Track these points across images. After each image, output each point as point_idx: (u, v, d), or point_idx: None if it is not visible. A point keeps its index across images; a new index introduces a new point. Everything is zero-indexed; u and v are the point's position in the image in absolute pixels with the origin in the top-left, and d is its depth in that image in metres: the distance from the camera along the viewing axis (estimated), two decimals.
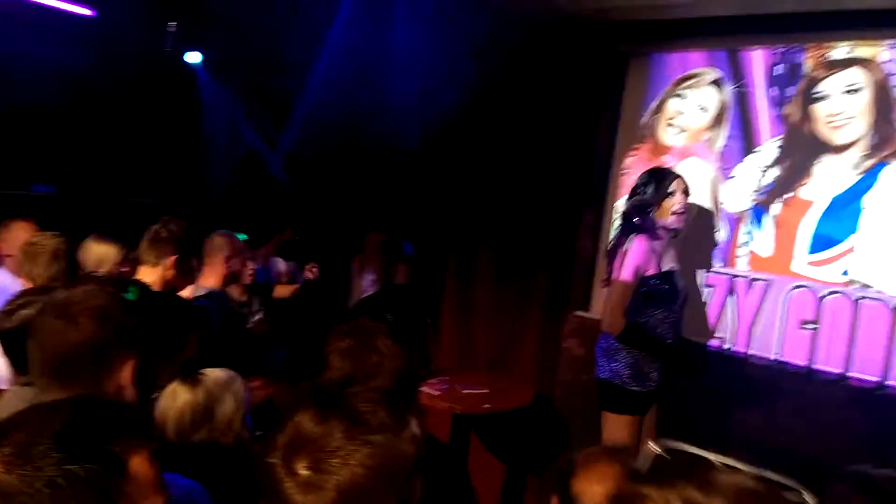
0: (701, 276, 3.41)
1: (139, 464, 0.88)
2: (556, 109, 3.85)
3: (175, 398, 1.65)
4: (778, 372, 3.11)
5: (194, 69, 5.14)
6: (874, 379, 2.89)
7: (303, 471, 0.92)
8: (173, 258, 2.74)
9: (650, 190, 2.88)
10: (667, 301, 2.86)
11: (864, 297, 2.94)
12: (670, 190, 2.85)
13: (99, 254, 2.77)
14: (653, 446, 0.66)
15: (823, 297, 3.03)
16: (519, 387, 3.67)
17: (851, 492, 1.53)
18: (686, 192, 2.89)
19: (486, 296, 4.19)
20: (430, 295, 4.05)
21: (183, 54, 5.02)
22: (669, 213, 2.85)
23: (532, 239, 3.99)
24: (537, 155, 3.93)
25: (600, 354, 2.95)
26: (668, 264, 2.91)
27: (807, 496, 0.61)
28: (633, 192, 2.96)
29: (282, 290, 4.01)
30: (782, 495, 0.61)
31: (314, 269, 4.04)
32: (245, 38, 4.43)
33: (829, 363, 3.00)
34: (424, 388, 3.32)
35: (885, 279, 2.90)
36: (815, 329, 3.04)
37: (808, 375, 3.04)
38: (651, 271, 2.83)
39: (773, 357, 3.14)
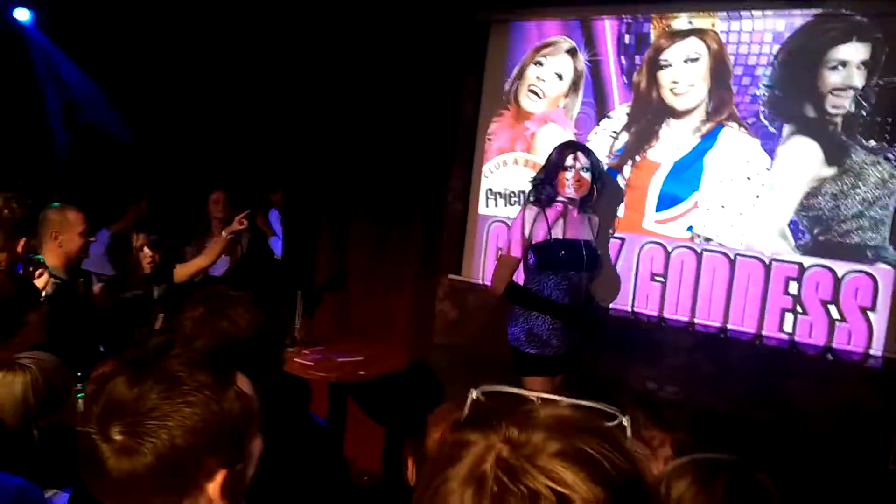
0: None
1: None
2: (421, 77, 3.85)
3: (7, 385, 1.53)
4: (633, 322, 3.35)
5: (24, 28, 4.65)
6: (716, 324, 3.18)
7: (118, 436, 0.89)
8: (21, 241, 2.47)
9: (550, 162, 3.02)
10: (558, 267, 2.95)
11: (706, 251, 3.21)
12: (567, 164, 2.95)
13: None
14: (473, 392, 0.67)
15: (671, 251, 3.28)
16: (394, 352, 3.70)
17: (634, 407, 1.70)
18: (587, 169, 2.96)
19: (359, 263, 4.17)
20: (301, 264, 3.96)
21: (10, 11, 4.52)
22: (564, 184, 2.95)
23: (403, 205, 4.01)
24: (405, 123, 3.93)
25: (506, 322, 3.09)
26: (572, 233, 2.98)
27: (624, 420, 0.66)
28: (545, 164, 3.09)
29: (183, 270, 3.63)
30: (597, 420, 0.65)
31: (244, 221, 3.75)
32: None
33: (677, 312, 3.27)
34: (299, 359, 3.28)
35: (724, 233, 3.18)
36: (664, 282, 3.30)
37: (659, 324, 3.30)
38: (539, 239, 2.94)
39: (629, 309, 3.37)
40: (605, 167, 3.46)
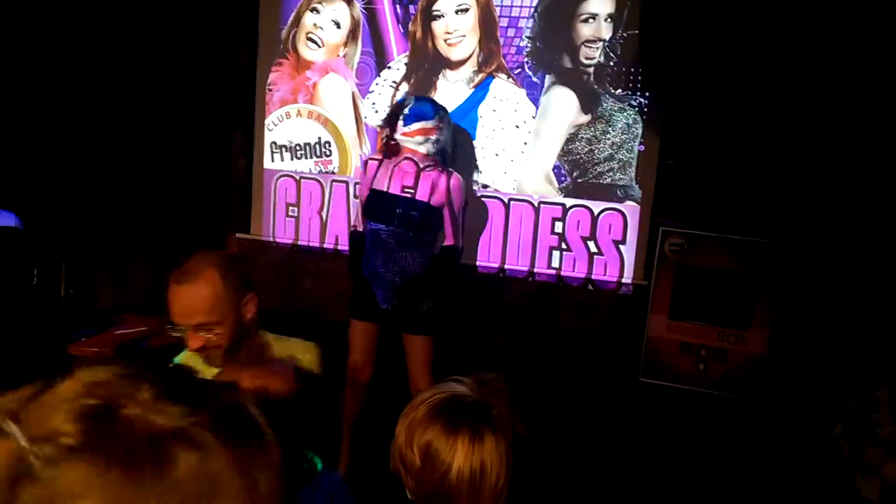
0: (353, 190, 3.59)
1: None
2: (193, 31, 3.59)
3: None
4: None
5: None
6: (495, 265, 3.39)
7: None
8: None
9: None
10: (371, 218, 2.68)
11: (484, 197, 3.38)
12: (399, 114, 2.71)
13: None
14: None
15: None
16: None
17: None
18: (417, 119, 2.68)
19: (143, 232, 3.88)
20: (66, 234, 3.60)
21: None
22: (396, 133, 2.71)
23: (186, 164, 3.76)
24: (180, 79, 3.66)
25: None
26: (394, 184, 2.67)
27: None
28: None
29: None
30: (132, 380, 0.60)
31: None
32: None
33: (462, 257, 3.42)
34: (67, 335, 3.02)
35: (499, 179, 3.36)
36: None
37: None
38: (375, 187, 2.71)
39: None
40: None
